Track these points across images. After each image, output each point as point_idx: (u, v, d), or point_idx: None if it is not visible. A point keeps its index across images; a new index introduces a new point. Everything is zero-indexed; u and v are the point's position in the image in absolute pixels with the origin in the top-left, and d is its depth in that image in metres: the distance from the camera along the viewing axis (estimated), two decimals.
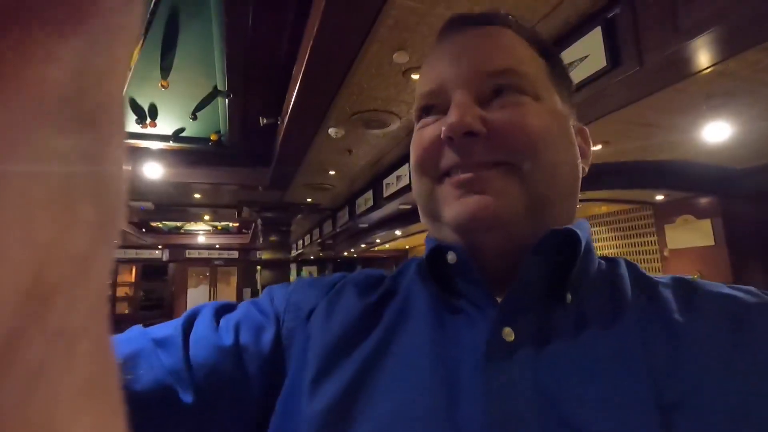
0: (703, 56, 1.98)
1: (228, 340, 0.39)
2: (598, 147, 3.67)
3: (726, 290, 0.37)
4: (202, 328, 0.40)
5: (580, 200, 0.46)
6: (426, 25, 2.25)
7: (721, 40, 1.84)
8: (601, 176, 4.53)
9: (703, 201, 5.20)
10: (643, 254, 6.23)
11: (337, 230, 7.35)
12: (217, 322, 0.41)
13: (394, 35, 2.35)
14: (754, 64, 2.35)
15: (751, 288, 0.38)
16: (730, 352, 0.32)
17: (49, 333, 0.08)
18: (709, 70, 2.12)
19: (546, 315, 0.36)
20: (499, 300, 0.37)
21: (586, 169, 0.44)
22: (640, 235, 6.28)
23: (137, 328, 0.40)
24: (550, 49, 0.44)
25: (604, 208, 6.64)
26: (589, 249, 0.40)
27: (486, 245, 0.39)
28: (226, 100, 3.51)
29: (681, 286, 0.39)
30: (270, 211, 6.27)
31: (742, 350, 0.32)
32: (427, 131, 0.41)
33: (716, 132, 3.14)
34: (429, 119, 0.41)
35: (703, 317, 0.35)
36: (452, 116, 0.37)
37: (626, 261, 0.43)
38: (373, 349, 0.37)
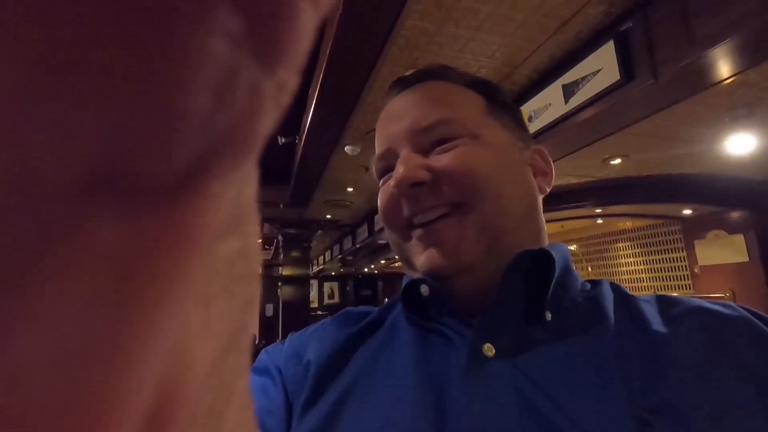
0: (720, 67, 1.93)
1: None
2: (618, 161, 3.59)
3: (704, 304, 0.39)
4: None
5: (604, 215, 0.48)
6: (436, 45, 2.29)
7: (738, 50, 1.79)
8: (622, 190, 4.41)
9: (735, 215, 4.96)
10: (671, 271, 5.99)
11: (357, 246, 7.37)
12: None
13: (405, 55, 2.39)
14: None
15: (729, 302, 0.40)
16: (707, 363, 0.33)
17: None
18: (728, 81, 2.07)
19: (526, 332, 0.38)
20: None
21: (547, 189, 0.47)
22: (667, 251, 6.04)
23: None
24: (488, 86, 0.48)
25: (628, 224, 6.45)
26: (567, 270, 0.42)
27: (457, 285, 0.41)
28: None
29: (662, 302, 0.41)
30: (291, 227, 6.35)
31: (718, 361, 0.33)
32: (386, 189, 0.44)
33: (740, 144, 3.03)
34: (386, 178, 0.46)
35: (681, 330, 0.36)
36: (397, 172, 0.41)
37: (611, 282, 0.45)
38: (358, 371, 0.40)
